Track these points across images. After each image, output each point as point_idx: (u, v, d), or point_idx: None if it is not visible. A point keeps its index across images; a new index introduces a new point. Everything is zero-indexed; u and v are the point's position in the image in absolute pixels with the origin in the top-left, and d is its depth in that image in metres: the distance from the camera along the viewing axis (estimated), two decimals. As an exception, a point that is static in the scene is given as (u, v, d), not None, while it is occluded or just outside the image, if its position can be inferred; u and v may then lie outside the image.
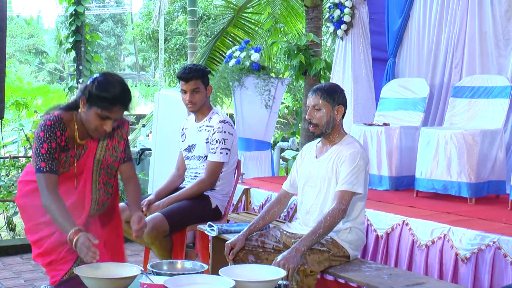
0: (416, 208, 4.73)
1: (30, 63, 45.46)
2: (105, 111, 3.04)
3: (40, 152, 3.07)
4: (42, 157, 3.06)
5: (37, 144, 3.08)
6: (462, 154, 5.00)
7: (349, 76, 6.98)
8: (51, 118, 3.10)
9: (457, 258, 3.87)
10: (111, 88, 3.04)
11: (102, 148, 3.29)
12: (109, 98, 3.02)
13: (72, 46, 9.25)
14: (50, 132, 3.08)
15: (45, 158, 3.06)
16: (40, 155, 3.07)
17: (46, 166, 3.06)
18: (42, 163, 3.06)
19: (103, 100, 3.02)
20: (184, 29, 21.85)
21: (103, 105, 3.03)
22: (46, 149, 3.07)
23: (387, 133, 5.69)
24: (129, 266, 2.83)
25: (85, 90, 3.08)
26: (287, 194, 3.94)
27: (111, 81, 3.08)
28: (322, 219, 3.45)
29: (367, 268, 3.52)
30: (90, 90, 3.05)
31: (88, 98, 3.05)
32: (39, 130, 3.09)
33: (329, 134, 3.67)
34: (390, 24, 6.82)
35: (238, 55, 7.24)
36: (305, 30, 7.71)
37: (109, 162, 3.33)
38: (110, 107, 3.03)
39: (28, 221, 3.31)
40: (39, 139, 3.08)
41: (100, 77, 3.09)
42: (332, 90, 3.66)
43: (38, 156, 3.07)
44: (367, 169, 3.61)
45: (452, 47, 6.21)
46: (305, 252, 3.40)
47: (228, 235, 4.06)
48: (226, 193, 4.71)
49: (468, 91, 5.56)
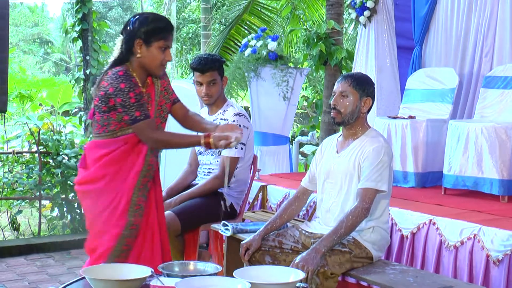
0: (444, 207, 4.71)
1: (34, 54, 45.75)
2: (166, 40, 3.34)
3: (129, 103, 3.23)
4: (134, 107, 3.23)
5: (123, 97, 3.23)
6: (494, 149, 4.96)
7: (373, 66, 6.95)
8: (119, 70, 3.28)
9: (488, 260, 3.85)
10: (160, 18, 3.41)
11: (157, 91, 3.48)
12: (165, 26, 3.35)
13: (79, 35, 9.26)
14: (128, 80, 3.26)
15: (136, 106, 3.24)
16: (131, 106, 3.23)
17: (141, 114, 3.25)
18: (136, 112, 3.24)
19: (162, 31, 3.32)
20: (197, 16, 21.87)
21: (163, 35, 3.33)
22: (134, 97, 3.25)
23: (413, 126, 5.66)
24: (138, 267, 2.84)
25: (137, 33, 3.31)
26: (306, 191, 3.93)
27: (154, 14, 3.47)
28: (344, 218, 3.44)
29: (391, 270, 3.51)
30: (144, 30, 3.31)
31: (145, 38, 3.31)
32: (116, 83, 3.23)
33: (352, 126, 3.66)
34: (416, 9, 6.77)
35: (254, 44, 7.23)
36: (325, 17, 7.69)
37: (162, 104, 3.50)
38: (168, 34, 3.36)
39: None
40: (122, 91, 3.23)
41: (144, 16, 3.38)
42: (363, 80, 3.68)
43: (129, 107, 3.23)
44: (391, 165, 3.60)
45: (482, 34, 6.16)
46: (325, 253, 3.39)
47: (244, 235, 4.06)
48: (241, 190, 4.71)
49: (501, 81, 5.51)
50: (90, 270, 2.76)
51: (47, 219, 7.01)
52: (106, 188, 3.37)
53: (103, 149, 3.36)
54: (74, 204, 6.89)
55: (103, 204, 3.37)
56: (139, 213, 3.38)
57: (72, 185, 6.74)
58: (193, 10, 23.28)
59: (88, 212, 3.48)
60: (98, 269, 2.78)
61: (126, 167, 3.37)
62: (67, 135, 7.52)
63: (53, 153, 6.76)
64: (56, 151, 6.74)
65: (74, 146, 7.05)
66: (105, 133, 3.36)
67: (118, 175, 3.36)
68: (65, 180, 6.73)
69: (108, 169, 3.36)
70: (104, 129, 3.35)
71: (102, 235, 3.37)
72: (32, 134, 7.00)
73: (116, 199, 3.35)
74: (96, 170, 3.38)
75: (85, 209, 3.52)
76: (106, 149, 3.36)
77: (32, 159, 7.06)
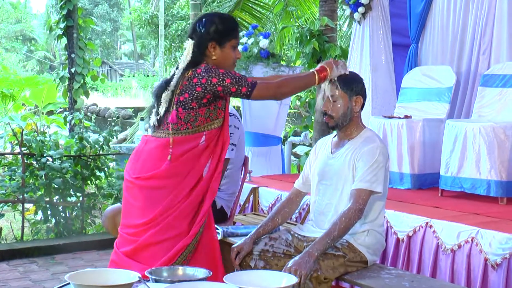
0: (441, 209, 4.73)
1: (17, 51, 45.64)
2: (237, 38, 3.59)
3: (237, 77, 3.44)
4: (242, 78, 3.46)
5: (230, 77, 3.43)
6: (492, 149, 4.98)
7: (367, 64, 6.97)
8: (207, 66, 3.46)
9: (487, 264, 3.86)
10: (229, 17, 3.70)
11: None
12: (235, 24, 3.61)
13: (64, 32, 9.26)
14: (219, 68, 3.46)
15: (244, 77, 3.48)
16: (240, 79, 3.45)
17: (252, 79, 3.50)
18: (247, 79, 3.48)
19: (233, 29, 3.57)
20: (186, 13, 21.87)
21: (235, 33, 3.57)
22: (235, 73, 3.47)
23: (409, 126, 5.67)
24: (125, 272, 2.83)
25: (210, 35, 3.50)
26: (299, 193, 3.94)
27: (219, 14, 3.77)
28: (337, 220, 3.45)
29: (386, 275, 3.52)
30: (218, 30, 3.50)
31: (219, 39, 3.50)
32: (215, 73, 3.42)
33: (346, 127, 3.67)
34: (412, 6, 6.79)
35: (245, 41, 7.24)
36: (318, 13, 7.70)
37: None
38: (237, 32, 3.60)
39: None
40: (225, 74, 3.43)
41: (210, 17, 3.58)
42: (350, 79, 3.67)
43: (240, 80, 3.44)
44: (387, 166, 3.60)
45: (479, 31, 6.18)
46: (319, 257, 3.40)
47: (234, 238, 4.06)
48: (232, 192, 4.71)
49: (499, 80, 5.53)
50: (76, 276, 2.75)
51: (31, 223, 6.98)
52: (179, 185, 3.49)
53: (184, 146, 3.49)
54: (59, 208, 6.86)
55: (173, 201, 3.47)
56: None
57: (56, 187, 6.73)
58: (182, 7, 23.28)
59: (151, 208, 3.49)
60: (84, 274, 2.77)
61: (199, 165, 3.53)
62: (52, 136, 7.49)
63: (36, 154, 6.73)
64: (40, 152, 6.72)
65: (59, 147, 7.03)
66: (188, 129, 3.49)
67: (190, 173, 3.51)
68: (49, 183, 6.70)
69: (182, 167, 3.49)
70: (188, 125, 3.48)
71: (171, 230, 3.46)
72: (15, 135, 6.97)
73: (192, 196, 3.49)
74: (171, 167, 3.48)
75: (148, 205, 3.52)
76: (188, 145, 3.50)
77: (15, 161, 7.04)
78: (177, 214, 3.47)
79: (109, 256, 3.69)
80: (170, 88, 3.49)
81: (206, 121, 3.50)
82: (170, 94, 3.49)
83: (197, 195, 3.51)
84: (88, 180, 7.01)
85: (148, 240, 3.47)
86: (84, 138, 6.95)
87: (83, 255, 6.39)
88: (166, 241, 3.45)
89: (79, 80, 9.23)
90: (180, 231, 3.46)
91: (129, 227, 3.55)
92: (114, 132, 7.23)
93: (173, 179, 3.48)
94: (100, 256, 6.32)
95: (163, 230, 3.45)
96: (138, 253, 3.48)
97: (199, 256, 3.51)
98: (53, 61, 44.31)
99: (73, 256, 6.35)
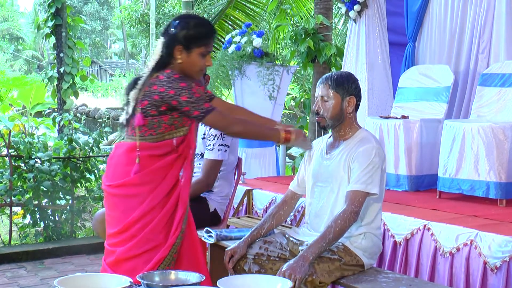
0: (439, 211, 4.74)
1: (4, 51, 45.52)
2: (208, 46, 3.47)
3: (196, 98, 3.36)
4: (201, 100, 3.37)
5: (188, 94, 3.35)
6: (491, 150, 4.99)
7: (363, 63, 6.97)
8: (172, 73, 3.39)
9: (486, 267, 3.87)
10: (203, 23, 3.51)
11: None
12: (207, 32, 3.48)
13: (52, 31, 9.24)
14: (184, 79, 3.38)
15: (202, 98, 3.39)
16: (198, 100, 3.36)
17: (210, 105, 3.40)
18: (205, 104, 3.38)
19: (204, 37, 3.45)
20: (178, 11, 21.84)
21: (205, 41, 3.45)
22: (198, 92, 3.38)
23: (406, 126, 5.68)
24: (116, 277, 2.83)
25: (178, 39, 3.42)
26: (294, 195, 3.94)
27: (198, 18, 3.62)
28: (332, 223, 3.45)
29: (383, 279, 3.52)
30: (185, 35, 3.41)
31: (186, 43, 3.41)
32: (176, 84, 3.34)
33: (340, 127, 3.68)
34: (409, 4, 6.81)
35: (238, 40, 7.23)
36: (313, 11, 7.71)
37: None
38: (209, 41, 3.49)
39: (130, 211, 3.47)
40: (185, 89, 3.35)
41: (185, 20, 3.50)
42: (342, 79, 3.67)
43: (197, 101, 3.36)
44: (383, 167, 3.61)
45: (478, 29, 6.19)
46: (314, 260, 3.40)
47: (228, 242, 4.07)
48: (225, 195, 4.71)
49: (498, 79, 5.55)
50: (65, 280, 2.74)
51: (19, 227, 6.96)
52: (151, 193, 3.45)
53: (149, 151, 3.45)
54: (48, 211, 6.85)
55: (147, 209, 3.43)
56: (185, 220, 3.52)
57: (45, 190, 6.71)
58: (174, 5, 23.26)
59: (124, 215, 3.48)
60: (74, 279, 2.77)
61: (172, 174, 3.48)
62: (40, 137, 7.47)
63: (25, 156, 6.72)
64: (28, 154, 6.70)
65: (48, 149, 7.01)
66: (152, 136, 3.45)
67: (164, 182, 3.46)
68: (37, 185, 6.69)
69: (154, 175, 3.46)
70: (151, 131, 3.44)
71: (148, 243, 3.43)
72: (2, 137, 6.95)
73: (167, 206, 3.45)
74: (143, 175, 3.45)
75: (120, 213, 3.52)
76: (153, 151, 3.46)
77: (2, 163, 7.02)
78: (153, 226, 3.43)
79: (99, 261, 3.71)
80: (138, 87, 3.45)
81: (170, 128, 3.44)
82: (137, 92, 3.45)
83: (172, 205, 3.48)
84: (78, 182, 6.99)
85: (127, 253, 3.46)
86: (73, 140, 6.94)
87: (73, 259, 6.38)
88: (145, 253, 3.43)
89: (68, 80, 9.21)
90: (158, 243, 3.44)
91: (109, 237, 3.55)
92: (104, 133, 7.23)
93: (145, 187, 3.44)
94: (90, 261, 6.31)
95: (140, 243, 3.44)
96: (119, 264, 3.47)
97: (182, 264, 3.49)
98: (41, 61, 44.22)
99: (63, 261, 6.34)
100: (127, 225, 3.46)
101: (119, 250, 3.47)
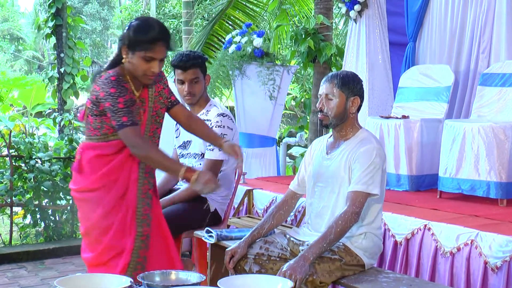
0: (440, 211, 4.73)
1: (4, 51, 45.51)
2: (149, 51, 3.37)
3: (118, 108, 3.31)
4: (122, 112, 3.31)
5: (112, 101, 3.32)
6: (491, 150, 4.99)
7: (364, 63, 6.97)
8: (112, 74, 3.36)
9: (486, 267, 3.87)
10: (149, 27, 3.40)
11: (151, 96, 3.56)
12: (149, 38, 3.37)
13: (52, 31, 9.24)
14: (119, 86, 3.35)
15: (124, 112, 3.32)
16: (119, 111, 3.31)
17: (128, 120, 3.32)
18: (124, 117, 3.31)
19: (144, 42, 3.36)
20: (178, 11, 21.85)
21: (146, 46, 3.36)
22: (123, 102, 3.33)
23: (407, 126, 5.68)
24: (116, 277, 2.83)
25: (124, 38, 3.41)
26: (295, 195, 3.94)
27: (147, 22, 3.47)
28: (333, 223, 3.45)
29: (384, 279, 3.52)
30: (128, 36, 3.38)
31: (129, 45, 3.39)
32: (107, 87, 3.33)
33: (342, 127, 3.68)
34: (410, 3, 6.80)
35: (238, 40, 7.24)
36: (314, 11, 7.71)
37: (157, 109, 3.60)
38: (152, 46, 3.37)
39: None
40: (112, 96, 3.32)
41: (135, 21, 3.45)
42: (348, 78, 3.68)
43: (117, 112, 3.31)
44: (384, 168, 3.61)
45: (479, 29, 6.19)
46: (314, 260, 3.40)
47: (228, 242, 4.06)
48: (225, 195, 4.71)
49: (498, 79, 5.54)
50: (66, 281, 2.74)
51: (19, 227, 6.96)
52: (105, 197, 3.45)
53: (96, 151, 3.46)
54: (48, 211, 6.86)
55: (103, 213, 3.45)
56: (147, 223, 3.49)
57: (46, 190, 6.72)
58: (174, 5, 23.26)
59: (84, 219, 3.56)
60: (74, 279, 2.77)
61: (123, 176, 3.47)
62: (40, 137, 7.47)
63: (25, 156, 6.72)
64: (28, 154, 6.71)
65: (48, 149, 7.01)
66: (97, 136, 3.46)
67: (116, 184, 3.45)
68: (38, 186, 6.69)
69: (107, 178, 3.45)
70: (96, 132, 3.46)
71: (112, 250, 3.46)
72: (2, 137, 6.96)
73: (122, 210, 3.45)
74: (96, 179, 3.46)
75: (82, 216, 3.60)
76: (99, 151, 3.46)
77: (2, 163, 7.02)
78: (114, 233, 3.45)
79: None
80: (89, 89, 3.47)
81: (113, 129, 3.41)
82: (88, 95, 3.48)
83: (127, 208, 3.47)
84: (78, 182, 6.98)
85: (95, 260, 3.51)
86: (74, 140, 6.94)
87: (73, 259, 6.37)
88: (111, 260, 3.46)
89: (69, 80, 9.22)
90: (121, 250, 3.46)
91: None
92: (105, 134, 7.21)
93: (99, 192, 3.45)
94: (90, 261, 6.30)
95: (105, 251, 3.48)
96: (91, 269, 3.53)
97: (152, 264, 3.47)
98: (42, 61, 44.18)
99: (63, 261, 6.34)
100: (86, 229, 3.53)
101: (88, 256, 3.54)
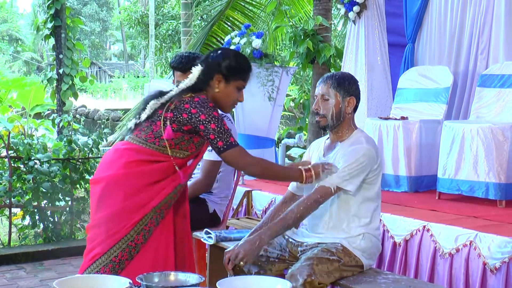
0: (438, 212, 4.74)
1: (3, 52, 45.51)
2: (245, 81, 3.59)
3: (224, 129, 3.42)
4: (228, 133, 3.43)
5: (217, 124, 3.41)
6: (490, 151, 4.99)
7: (363, 64, 6.98)
8: (206, 99, 3.46)
9: (485, 268, 3.87)
10: (245, 58, 3.66)
11: None
12: (248, 69, 3.59)
13: (51, 32, 9.23)
14: (217, 110, 3.47)
15: (230, 134, 3.44)
16: (226, 132, 3.42)
17: (235, 141, 3.45)
18: (231, 138, 3.43)
19: (245, 71, 3.57)
20: (177, 12, 21.85)
21: (245, 76, 3.57)
22: (227, 125, 3.46)
23: (405, 128, 5.69)
24: (115, 278, 2.83)
25: (221, 67, 3.50)
26: (294, 196, 3.93)
27: (238, 52, 3.75)
28: (294, 208, 3.54)
29: (383, 280, 3.52)
30: (229, 66, 3.51)
31: (227, 74, 3.50)
32: (210, 111, 3.41)
33: (338, 128, 3.68)
34: (408, 5, 6.81)
35: (237, 41, 7.23)
36: (313, 12, 7.71)
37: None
38: (248, 76, 3.60)
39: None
40: (217, 118, 3.41)
41: (227, 51, 3.66)
42: (343, 79, 3.68)
43: (224, 133, 3.42)
44: (374, 168, 3.57)
45: (477, 30, 6.20)
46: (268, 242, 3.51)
47: (227, 243, 4.06)
48: (224, 196, 4.71)
49: (497, 80, 5.55)
50: (65, 282, 2.74)
51: (18, 228, 6.96)
52: (133, 186, 3.43)
53: (142, 155, 3.45)
54: (47, 212, 6.85)
55: (118, 206, 3.42)
56: (144, 235, 3.45)
57: (44, 191, 6.71)
58: (173, 6, 23.27)
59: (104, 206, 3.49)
60: (73, 281, 2.77)
61: (157, 186, 3.45)
62: (39, 138, 7.46)
63: (24, 158, 6.72)
64: (27, 155, 6.70)
65: (47, 151, 7.01)
66: (154, 145, 3.46)
67: (145, 188, 3.44)
68: (37, 187, 6.69)
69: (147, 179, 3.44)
70: (156, 140, 3.45)
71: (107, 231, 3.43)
72: (1, 138, 6.95)
73: (134, 209, 3.42)
74: (123, 175, 3.45)
75: (94, 206, 3.54)
76: (146, 156, 3.45)
77: (1, 164, 7.02)
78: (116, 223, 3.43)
79: (98, 262, 3.69)
80: (160, 100, 3.47)
81: (173, 146, 3.45)
82: (159, 104, 3.47)
83: (139, 211, 3.44)
84: (77, 184, 6.98)
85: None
86: (73, 141, 6.94)
87: (72, 260, 6.37)
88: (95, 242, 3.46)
89: (68, 81, 9.21)
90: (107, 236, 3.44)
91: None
92: (104, 135, 7.23)
93: (119, 189, 3.43)
94: (89, 262, 6.30)
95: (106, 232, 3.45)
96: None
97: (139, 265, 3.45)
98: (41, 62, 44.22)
99: (62, 262, 6.34)
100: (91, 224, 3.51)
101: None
